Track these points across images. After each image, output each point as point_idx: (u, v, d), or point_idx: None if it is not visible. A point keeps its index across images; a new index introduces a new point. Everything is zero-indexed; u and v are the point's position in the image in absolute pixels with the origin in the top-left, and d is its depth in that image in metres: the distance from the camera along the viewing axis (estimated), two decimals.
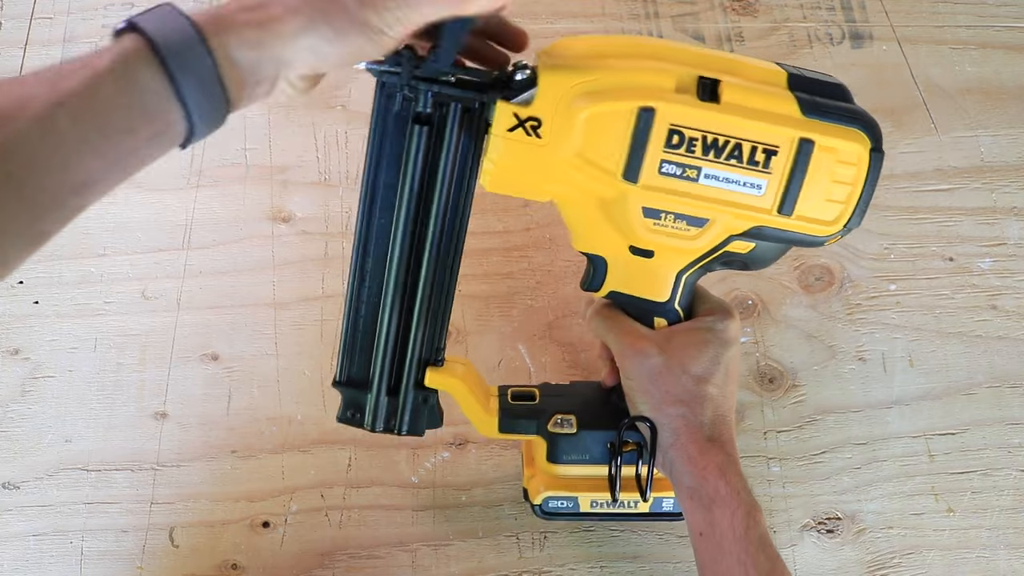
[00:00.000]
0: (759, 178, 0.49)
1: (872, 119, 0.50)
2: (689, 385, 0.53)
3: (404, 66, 0.48)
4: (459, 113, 0.50)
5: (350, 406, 0.57)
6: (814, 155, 0.48)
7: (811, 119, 0.48)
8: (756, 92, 0.48)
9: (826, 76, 0.51)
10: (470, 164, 0.52)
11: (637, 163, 0.48)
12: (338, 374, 0.56)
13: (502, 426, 0.58)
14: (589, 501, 0.59)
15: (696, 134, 0.48)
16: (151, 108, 0.38)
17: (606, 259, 0.54)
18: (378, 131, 0.51)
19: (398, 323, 0.54)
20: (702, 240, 0.51)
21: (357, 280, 0.54)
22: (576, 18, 0.74)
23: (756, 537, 0.50)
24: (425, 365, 0.56)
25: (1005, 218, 0.77)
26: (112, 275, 0.73)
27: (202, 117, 0.40)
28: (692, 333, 0.54)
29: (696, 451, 0.52)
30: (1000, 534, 0.66)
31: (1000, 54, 0.84)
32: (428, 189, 0.52)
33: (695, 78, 0.48)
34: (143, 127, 0.38)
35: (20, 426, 0.68)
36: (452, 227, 0.53)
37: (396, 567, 0.64)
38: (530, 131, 0.47)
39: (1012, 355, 0.72)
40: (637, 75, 0.48)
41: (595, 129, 0.47)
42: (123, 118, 0.38)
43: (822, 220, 0.50)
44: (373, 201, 0.53)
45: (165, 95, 0.38)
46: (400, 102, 0.50)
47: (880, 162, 0.49)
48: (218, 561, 0.64)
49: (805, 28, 0.85)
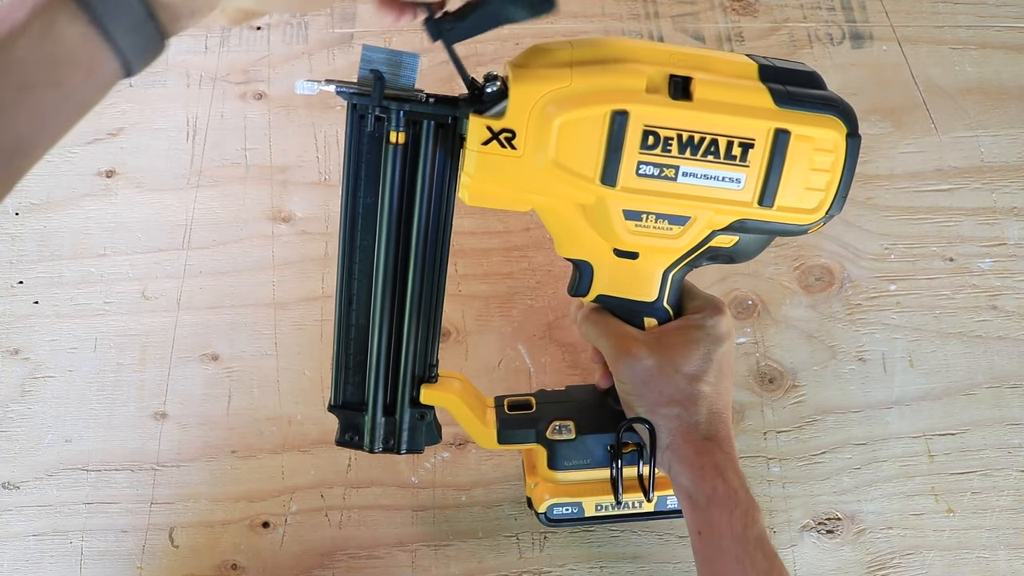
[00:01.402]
0: (737, 172, 0.49)
1: (847, 105, 0.49)
2: (682, 384, 0.53)
3: (375, 87, 0.47)
4: (433, 130, 0.50)
5: (348, 428, 0.57)
6: (790, 145, 0.48)
7: (785, 109, 0.48)
8: (728, 86, 0.48)
9: (798, 64, 0.51)
10: (448, 180, 0.51)
11: (614, 167, 0.48)
12: (333, 398, 0.56)
13: (501, 437, 0.58)
14: (594, 505, 0.59)
15: (671, 133, 0.47)
16: (78, 56, 0.37)
17: (592, 263, 0.54)
18: (353, 153, 0.50)
19: (388, 343, 0.54)
20: (685, 238, 0.51)
21: (344, 303, 0.54)
22: (576, 18, 0.74)
23: (754, 536, 0.50)
24: (419, 383, 0.56)
25: (1005, 218, 0.77)
26: (112, 275, 0.73)
27: (137, 55, 0.38)
28: (682, 332, 0.54)
29: (692, 451, 0.52)
30: (1000, 534, 0.66)
31: (1000, 54, 0.84)
32: (408, 207, 0.52)
33: (666, 77, 0.48)
34: (70, 76, 0.37)
35: (20, 426, 0.68)
36: (435, 243, 0.53)
37: (396, 567, 0.64)
38: (504, 143, 0.47)
39: (1012, 355, 0.72)
40: (607, 78, 0.47)
41: (569, 136, 0.47)
42: (45, 72, 0.36)
43: (803, 209, 0.50)
44: (354, 223, 0.52)
45: (92, 40, 0.37)
46: (372, 123, 0.49)
47: (857, 147, 0.49)
48: (218, 561, 0.64)
49: (805, 28, 0.85)
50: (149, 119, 0.79)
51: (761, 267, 0.74)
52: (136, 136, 0.78)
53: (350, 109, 0.49)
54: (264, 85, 0.80)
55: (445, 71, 0.81)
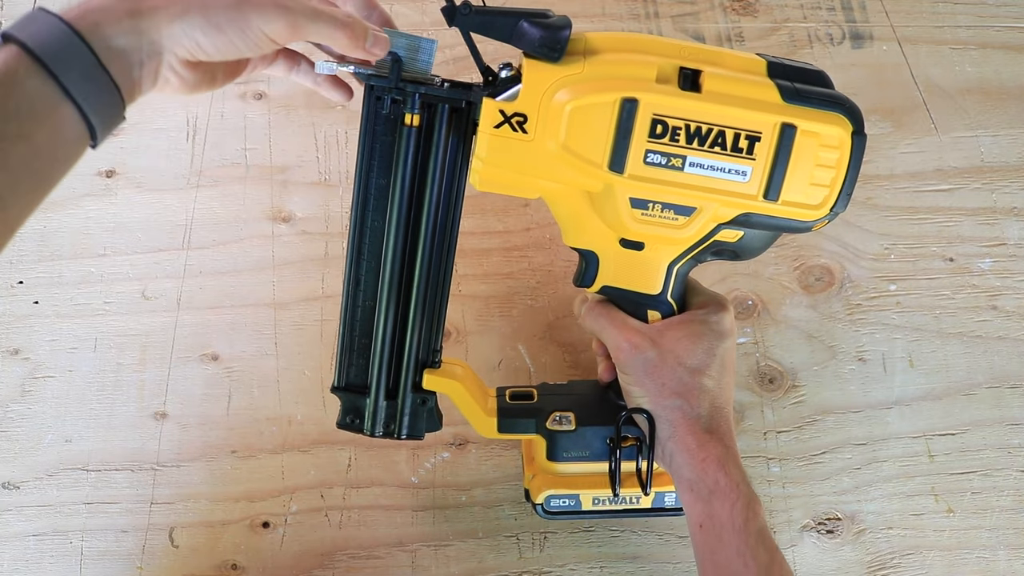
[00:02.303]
0: (744, 164, 0.49)
1: (853, 104, 0.50)
2: (685, 377, 0.53)
3: (392, 69, 0.48)
4: (447, 113, 0.50)
5: (349, 411, 0.57)
6: (796, 140, 0.49)
7: (792, 105, 0.49)
8: (737, 81, 0.49)
9: (805, 64, 0.51)
10: (460, 164, 0.52)
11: (622, 154, 0.49)
12: (336, 379, 0.57)
13: (501, 426, 0.58)
14: (591, 498, 0.59)
15: (679, 123, 0.48)
16: (39, 109, 0.39)
17: (597, 254, 0.54)
18: (368, 134, 0.51)
19: (394, 326, 0.55)
20: (690, 229, 0.52)
21: (352, 284, 0.55)
22: (576, 18, 0.73)
23: (755, 529, 0.50)
24: (422, 368, 0.56)
25: (1005, 218, 0.77)
26: (112, 275, 0.73)
27: (95, 109, 0.41)
28: (686, 326, 0.55)
29: (694, 443, 0.52)
30: (1000, 534, 0.66)
31: (1000, 54, 0.84)
32: (419, 190, 0.52)
33: (676, 68, 0.49)
34: (36, 130, 0.39)
35: (20, 426, 0.68)
36: (444, 227, 0.53)
37: (396, 567, 0.64)
38: (516, 127, 0.48)
39: (1012, 355, 0.72)
40: (619, 67, 0.48)
41: (580, 122, 0.48)
42: (12, 125, 0.38)
43: (808, 205, 0.51)
44: (365, 204, 0.53)
45: (51, 94, 0.39)
46: (389, 105, 0.50)
47: (863, 145, 0.50)
48: (218, 561, 0.64)
49: (805, 28, 0.85)
50: (149, 119, 0.79)
51: (761, 267, 0.74)
52: (136, 136, 0.78)
53: (367, 91, 0.50)
54: (264, 85, 0.80)
55: (449, 69, 0.81)
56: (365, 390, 0.56)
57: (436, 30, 0.82)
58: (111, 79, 0.41)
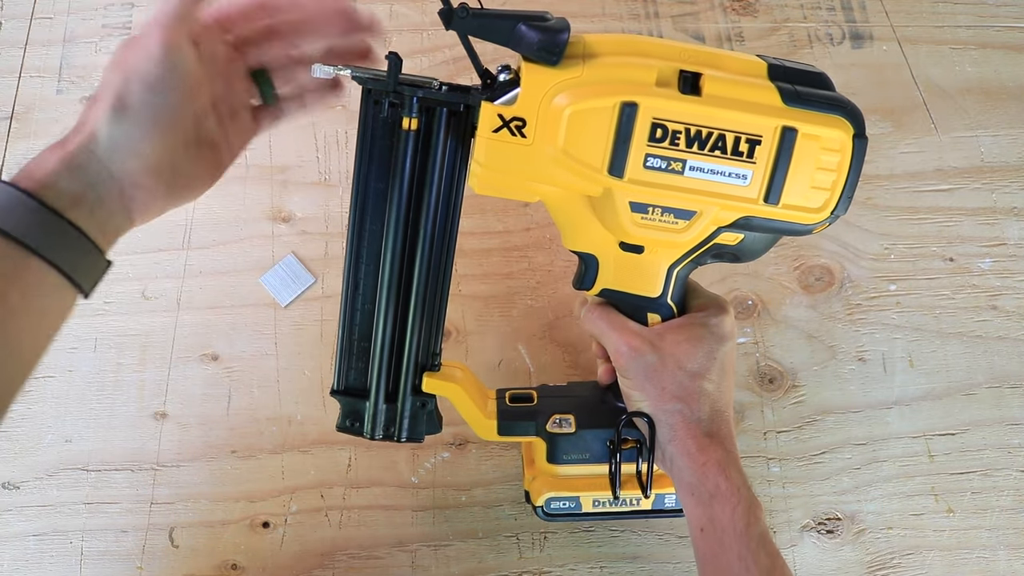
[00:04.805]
0: (744, 168, 0.49)
1: (854, 106, 0.50)
2: (685, 381, 0.53)
3: (390, 71, 0.48)
4: (446, 118, 0.50)
5: (349, 415, 0.57)
6: (797, 143, 0.48)
7: (793, 108, 0.48)
8: (737, 83, 0.48)
9: (806, 66, 0.51)
10: (458, 167, 0.52)
11: (622, 158, 0.48)
12: (336, 383, 0.57)
13: (501, 429, 0.58)
14: (591, 500, 0.59)
15: (679, 127, 0.48)
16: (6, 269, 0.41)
17: (597, 257, 0.54)
18: (366, 138, 0.51)
19: (393, 329, 0.55)
20: (691, 233, 0.51)
21: (351, 287, 0.55)
22: (576, 18, 0.73)
23: (757, 534, 0.50)
24: (422, 371, 0.56)
25: (1005, 218, 0.77)
26: (112, 275, 0.73)
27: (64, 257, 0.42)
28: (686, 329, 0.54)
29: (695, 447, 0.52)
30: (1000, 534, 0.66)
31: (1000, 54, 0.84)
32: (418, 194, 0.52)
33: (676, 72, 0.48)
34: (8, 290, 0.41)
35: (20, 426, 0.68)
36: (443, 230, 0.53)
37: (396, 567, 0.64)
38: (515, 131, 0.48)
39: (1012, 355, 0.72)
40: (618, 71, 0.48)
41: (579, 126, 0.48)
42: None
43: (809, 208, 0.50)
44: (364, 207, 0.53)
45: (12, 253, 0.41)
46: (387, 108, 0.50)
47: (864, 148, 0.49)
48: (218, 561, 0.64)
49: (805, 28, 0.85)
50: None
51: (761, 267, 0.74)
52: None
53: (364, 94, 0.50)
54: None
55: (447, 71, 0.81)
56: (365, 394, 0.56)
57: (436, 31, 0.82)
58: (70, 223, 0.43)
